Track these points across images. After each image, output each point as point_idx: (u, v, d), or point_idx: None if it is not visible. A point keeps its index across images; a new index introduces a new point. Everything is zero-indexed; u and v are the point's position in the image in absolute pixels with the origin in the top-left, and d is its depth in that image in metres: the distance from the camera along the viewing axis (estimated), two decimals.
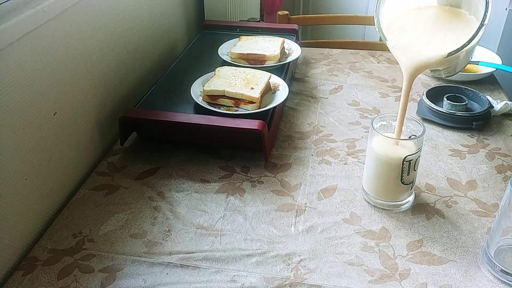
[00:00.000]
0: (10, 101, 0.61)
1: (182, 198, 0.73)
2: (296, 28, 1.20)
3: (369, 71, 1.13)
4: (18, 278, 0.59)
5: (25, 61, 0.63)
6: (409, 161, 0.65)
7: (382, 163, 0.68)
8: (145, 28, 1.02)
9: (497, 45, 1.70)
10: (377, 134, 0.66)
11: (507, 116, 0.94)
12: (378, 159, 0.68)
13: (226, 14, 1.34)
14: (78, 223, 0.68)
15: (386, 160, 0.67)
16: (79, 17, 0.75)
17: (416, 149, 0.65)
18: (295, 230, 0.67)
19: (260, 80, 0.88)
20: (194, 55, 1.08)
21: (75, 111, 0.76)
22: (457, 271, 0.60)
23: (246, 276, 0.60)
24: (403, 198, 0.70)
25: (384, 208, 0.70)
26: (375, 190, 0.71)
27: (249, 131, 0.76)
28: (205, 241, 0.65)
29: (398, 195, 0.69)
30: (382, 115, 0.70)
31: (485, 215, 0.69)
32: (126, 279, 0.59)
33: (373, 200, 0.71)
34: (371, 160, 0.69)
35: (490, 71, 1.05)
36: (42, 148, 0.69)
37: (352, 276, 0.59)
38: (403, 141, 0.66)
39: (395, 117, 0.69)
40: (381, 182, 0.70)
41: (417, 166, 0.68)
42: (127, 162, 0.81)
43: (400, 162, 0.65)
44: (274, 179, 0.77)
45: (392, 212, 0.70)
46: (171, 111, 0.82)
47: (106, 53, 0.85)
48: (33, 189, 0.67)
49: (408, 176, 0.67)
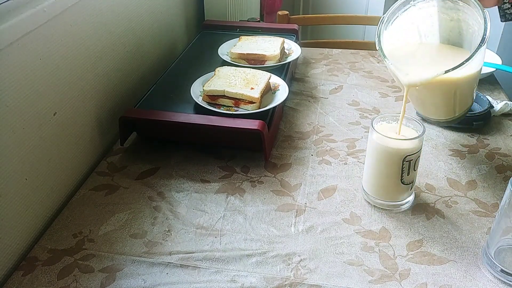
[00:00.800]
0: (10, 101, 0.61)
1: (182, 198, 0.73)
2: (296, 28, 1.20)
3: (369, 71, 1.13)
4: (18, 278, 0.59)
5: (25, 61, 0.63)
6: (409, 161, 0.65)
7: (382, 163, 0.68)
8: (145, 28, 1.02)
9: (497, 45, 1.70)
10: (377, 134, 0.66)
11: (507, 116, 0.94)
12: (378, 159, 0.68)
13: (226, 14, 1.34)
14: (78, 223, 0.68)
15: (386, 160, 0.67)
16: (79, 17, 0.75)
17: (416, 149, 0.65)
18: (295, 230, 0.67)
19: (260, 80, 0.88)
20: (194, 55, 1.08)
21: (75, 111, 0.76)
22: (457, 271, 0.60)
23: (246, 276, 0.60)
24: (403, 198, 0.70)
25: (384, 208, 0.70)
26: (375, 190, 0.71)
27: (249, 131, 0.76)
28: (205, 241, 0.65)
29: (398, 195, 0.69)
30: (382, 115, 0.70)
31: (485, 215, 0.69)
32: (126, 279, 0.59)
33: (373, 200, 0.71)
34: (371, 160, 0.69)
35: (490, 71, 1.05)
36: (42, 148, 0.69)
37: (352, 276, 0.60)
38: (403, 141, 0.66)
39: (395, 117, 0.69)
40: (381, 182, 0.70)
41: (417, 166, 0.68)
42: (127, 162, 0.81)
43: (400, 162, 0.65)
44: (274, 179, 0.77)
45: (392, 212, 0.70)
46: (171, 111, 0.82)
47: (106, 53, 0.85)
48: (33, 189, 0.67)
49: (408, 176, 0.67)
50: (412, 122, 0.69)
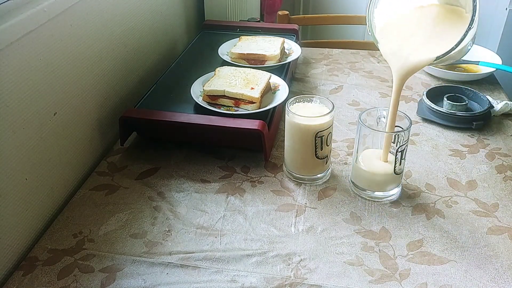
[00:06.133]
0: (10, 101, 0.61)
1: (182, 198, 0.73)
2: (296, 28, 1.20)
3: (369, 71, 1.13)
4: (18, 278, 0.59)
5: (25, 61, 0.63)
6: (321, 136, 0.71)
7: (296, 139, 0.73)
8: (145, 28, 1.02)
9: (497, 45, 1.70)
10: (291, 114, 0.71)
11: (507, 116, 0.94)
12: (293, 136, 0.73)
13: (226, 14, 1.34)
14: (78, 223, 0.68)
15: (300, 137, 0.72)
16: (79, 17, 0.75)
17: (326, 125, 0.71)
18: (295, 230, 0.67)
19: (260, 80, 0.88)
20: (194, 55, 1.08)
21: (75, 111, 0.76)
22: (457, 271, 0.60)
23: (246, 276, 0.60)
24: (320, 171, 0.76)
25: (305, 182, 0.76)
26: (293, 166, 0.76)
27: (249, 131, 0.76)
28: (205, 241, 0.65)
29: (315, 169, 0.75)
30: (297, 97, 0.75)
31: (485, 215, 0.69)
32: (126, 279, 0.59)
33: (294, 175, 0.76)
34: (288, 138, 0.75)
35: (490, 71, 1.05)
36: (42, 148, 0.69)
37: (352, 276, 0.60)
38: (315, 118, 0.71)
39: (309, 97, 0.76)
40: (299, 158, 0.75)
41: (330, 141, 0.74)
42: (127, 162, 0.81)
43: (313, 138, 0.71)
44: (274, 179, 0.77)
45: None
46: (171, 111, 0.82)
47: (106, 53, 0.85)
48: (33, 189, 0.67)
49: (322, 151, 0.73)
50: (323, 101, 0.75)
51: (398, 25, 0.67)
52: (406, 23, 0.66)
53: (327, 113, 0.71)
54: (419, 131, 0.90)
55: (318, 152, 0.73)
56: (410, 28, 0.66)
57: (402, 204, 0.71)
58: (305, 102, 0.76)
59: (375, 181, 0.71)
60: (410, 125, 0.68)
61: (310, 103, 0.75)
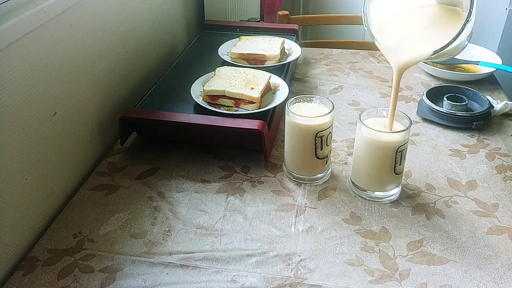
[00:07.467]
0: (10, 101, 0.61)
1: (182, 198, 0.73)
2: (296, 28, 1.20)
3: (369, 71, 1.13)
4: (18, 278, 0.59)
5: (25, 61, 0.63)
6: (321, 136, 0.71)
7: (297, 140, 0.73)
8: (145, 28, 1.02)
9: (497, 45, 1.70)
10: (291, 114, 0.71)
11: (507, 116, 0.94)
12: (293, 137, 0.73)
13: (226, 14, 1.34)
14: (78, 223, 0.68)
15: (300, 137, 0.73)
16: (79, 17, 0.75)
17: (326, 125, 0.71)
18: (295, 230, 0.67)
19: (260, 80, 0.88)
20: (194, 55, 1.08)
21: (75, 111, 0.76)
22: (457, 271, 0.60)
23: (246, 276, 0.60)
24: (320, 171, 0.76)
25: (305, 182, 0.76)
26: (293, 166, 0.76)
27: (249, 131, 0.76)
28: (205, 241, 0.65)
29: (315, 169, 0.75)
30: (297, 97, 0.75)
31: (485, 215, 0.69)
32: (126, 279, 0.59)
33: (295, 176, 0.76)
34: (288, 139, 0.75)
35: (490, 71, 1.05)
36: (42, 148, 0.69)
37: (352, 276, 0.60)
38: (315, 118, 0.71)
39: (309, 97, 0.75)
40: (299, 158, 0.75)
41: (330, 141, 0.74)
42: (127, 162, 0.81)
43: (313, 138, 0.71)
44: (274, 179, 0.77)
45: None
46: (171, 111, 0.82)
47: (106, 53, 0.85)
48: (33, 189, 0.67)
49: (322, 151, 0.73)
50: (323, 101, 0.75)
51: (396, 19, 0.67)
52: (404, 16, 0.67)
53: (327, 113, 0.71)
54: (419, 131, 0.90)
55: (318, 152, 0.73)
56: (408, 21, 0.66)
57: (402, 204, 0.71)
58: (305, 102, 0.76)
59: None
60: (410, 125, 0.68)
61: (310, 103, 0.76)
